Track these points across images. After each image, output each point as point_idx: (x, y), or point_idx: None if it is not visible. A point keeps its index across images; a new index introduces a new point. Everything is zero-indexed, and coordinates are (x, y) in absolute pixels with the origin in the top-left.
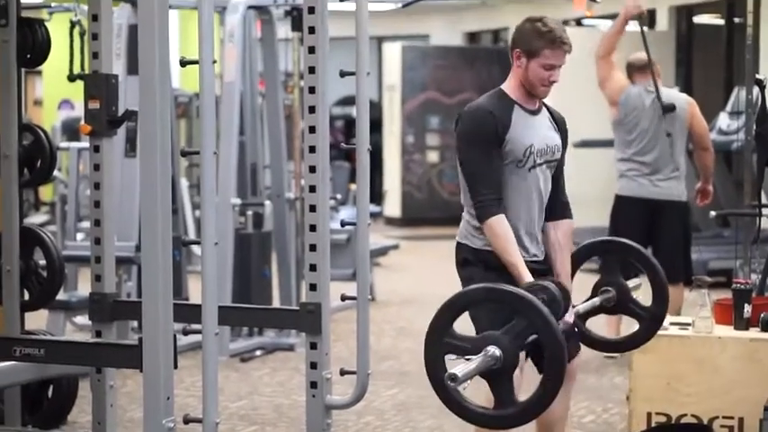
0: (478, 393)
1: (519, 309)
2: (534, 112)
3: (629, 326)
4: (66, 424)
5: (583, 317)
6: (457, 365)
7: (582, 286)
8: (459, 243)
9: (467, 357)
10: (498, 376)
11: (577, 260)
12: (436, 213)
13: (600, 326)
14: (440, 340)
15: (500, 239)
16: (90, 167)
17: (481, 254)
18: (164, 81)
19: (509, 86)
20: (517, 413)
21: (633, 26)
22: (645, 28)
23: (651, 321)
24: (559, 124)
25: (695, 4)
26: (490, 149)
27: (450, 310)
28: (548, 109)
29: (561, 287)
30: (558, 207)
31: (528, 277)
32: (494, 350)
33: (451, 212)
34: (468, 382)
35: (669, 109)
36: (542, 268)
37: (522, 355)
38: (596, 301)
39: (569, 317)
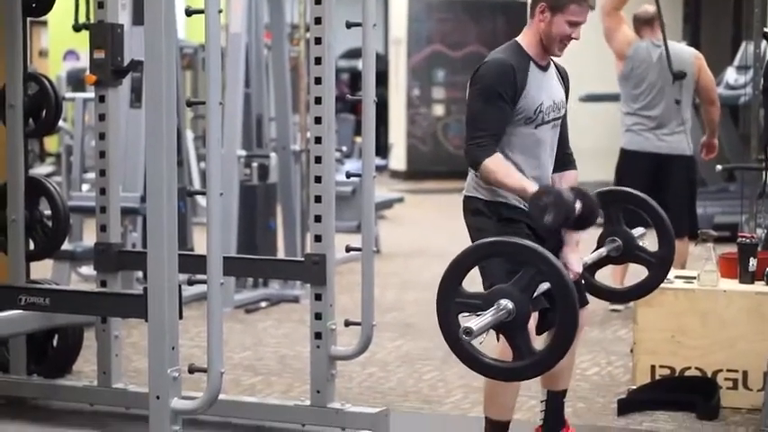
0: (492, 349)
1: (525, 258)
2: (545, 68)
3: (633, 278)
4: (71, 373)
5: (591, 268)
6: (470, 321)
7: (587, 241)
8: (467, 196)
9: (478, 314)
10: (513, 328)
11: None
12: (441, 167)
13: (604, 277)
14: (450, 300)
15: (498, 172)
16: (95, 118)
17: (492, 205)
18: (169, 31)
19: (525, 41)
20: (536, 362)
21: None
22: None
23: (660, 266)
24: (564, 78)
25: None
26: (502, 102)
27: (457, 269)
28: (554, 63)
29: (576, 191)
30: (562, 158)
31: (533, 187)
32: (506, 303)
33: (456, 166)
34: (485, 335)
35: (679, 76)
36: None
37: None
38: (603, 251)
39: (578, 266)
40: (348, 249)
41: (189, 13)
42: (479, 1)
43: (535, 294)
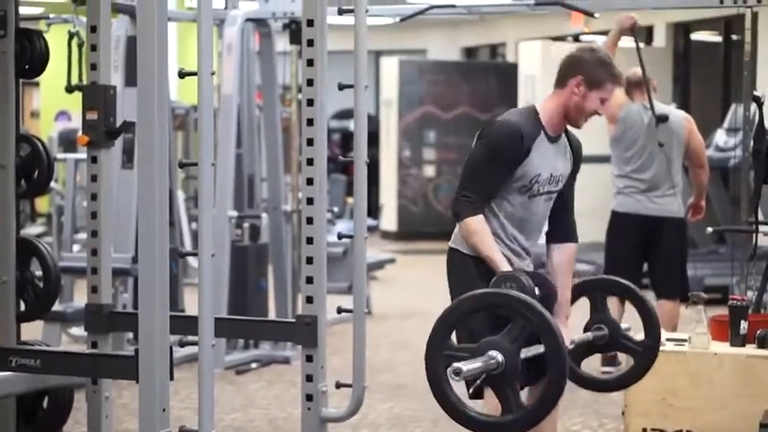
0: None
1: (516, 310)
2: (554, 140)
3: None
4: None
5: (576, 357)
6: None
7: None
8: (453, 248)
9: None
10: (501, 381)
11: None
12: (432, 227)
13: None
14: (439, 354)
15: (476, 235)
16: (87, 178)
17: (470, 260)
18: (162, 93)
19: (545, 109)
20: (523, 417)
21: (629, 42)
22: (639, 43)
23: (645, 356)
24: (575, 151)
25: (693, 20)
26: (502, 168)
27: (445, 324)
28: (567, 135)
29: (541, 277)
30: (563, 228)
31: (505, 266)
32: (495, 354)
33: (447, 227)
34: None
35: (662, 119)
36: None
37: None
38: (590, 335)
39: (566, 338)
40: (339, 311)
41: (182, 75)
42: (470, 63)
43: (523, 355)
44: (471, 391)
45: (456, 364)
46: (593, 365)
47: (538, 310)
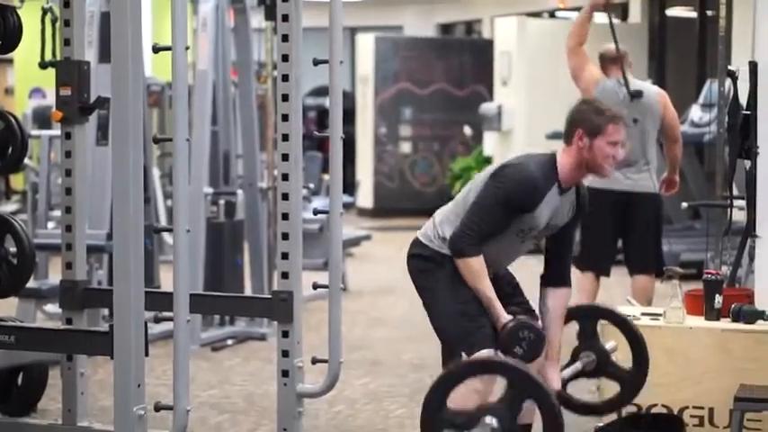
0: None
1: (511, 377)
2: (563, 192)
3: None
4: (36, 412)
5: (564, 383)
6: None
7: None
8: (422, 243)
9: None
10: None
11: None
12: (408, 204)
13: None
14: (435, 418)
15: (478, 275)
16: (61, 155)
17: (448, 260)
18: (136, 69)
19: (562, 163)
20: None
21: (604, 18)
22: (613, 18)
23: (632, 383)
24: (581, 202)
25: None
26: (511, 214)
27: (442, 387)
28: (578, 189)
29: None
30: (560, 273)
31: (504, 315)
32: (491, 420)
33: (423, 204)
34: None
35: (636, 95)
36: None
37: None
38: (578, 365)
39: (557, 383)
40: (315, 287)
41: (156, 49)
42: (446, 39)
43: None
44: None
45: None
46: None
47: (530, 377)
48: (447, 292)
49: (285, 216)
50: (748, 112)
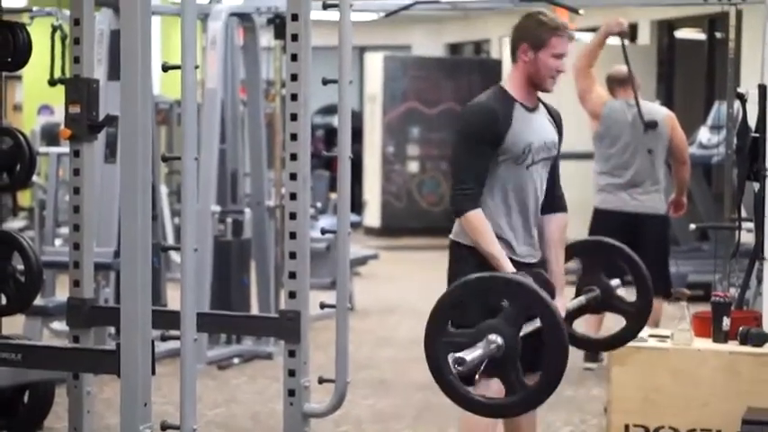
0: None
1: (512, 292)
2: (533, 110)
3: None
4: (42, 430)
5: (569, 317)
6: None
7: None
8: (454, 241)
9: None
10: (503, 363)
11: None
12: (416, 223)
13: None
14: (438, 341)
15: (479, 232)
16: (70, 172)
17: (474, 250)
18: (145, 86)
19: (510, 85)
20: (526, 397)
21: (614, 40)
22: (626, 42)
23: (637, 316)
24: (556, 120)
25: (677, 18)
26: (485, 147)
27: (442, 310)
28: (545, 105)
29: (542, 279)
30: (553, 201)
31: (510, 267)
32: (494, 337)
33: (431, 222)
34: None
35: (651, 125)
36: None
37: None
38: (582, 299)
39: (562, 311)
40: (322, 306)
41: (165, 68)
42: (454, 59)
43: (522, 332)
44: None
45: (458, 355)
46: (574, 362)
47: (531, 289)
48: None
49: (293, 235)
50: (757, 135)
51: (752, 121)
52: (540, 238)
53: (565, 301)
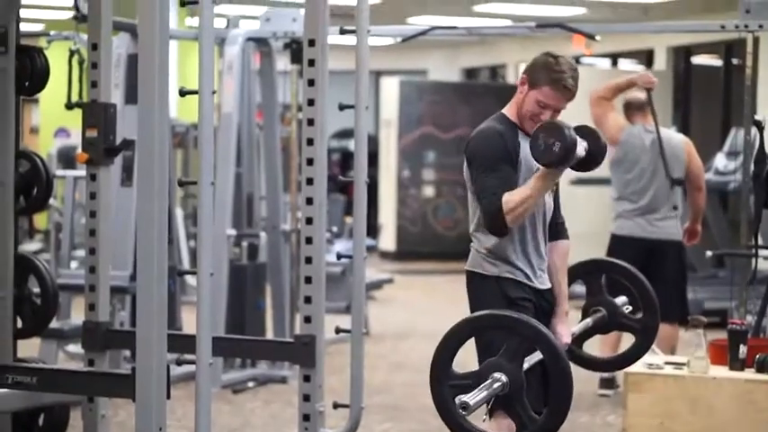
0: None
1: (510, 327)
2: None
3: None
4: None
5: (577, 340)
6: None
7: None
8: (471, 272)
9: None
10: (510, 401)
11: None
12: (431, 248)
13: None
14: (443, 384)
15: (513, 199)
16: (86, 196)
17: (498, 282)
18: (163, 111)
19: (509, 111)
20: (538, 429)
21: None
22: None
23: (645, 333)
24: None
25: (694, 44)
26: (503, 164)
27: (445, 352)
28: None
29: (578, 129)
30: (555, 228)
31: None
32: (498, 376)
33: (446, 247)
34: (485, 417)
35: (678, 183)
36: (547, 306)
37: None
38: (589, 321)
39: (567, 337)
40: (338, 331)
41: (183, 93)
42: (470, 84)
43: (527, 365)
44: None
45: (463, 398)
46: (589, 389)
47: (530, 324)
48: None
49: (308, 260)
50: None
51: None
52: None
53: (569, 326)
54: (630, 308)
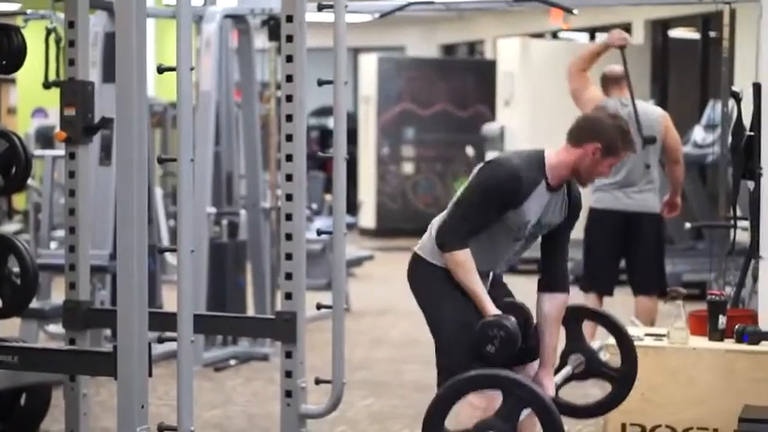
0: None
1: (505, 389)
2: (554, 190)
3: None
4: None
5: (557, 389)
6: None
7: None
8: (419, 255)
9: None
10: None
11: None
12: (411, 224)
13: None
14: None
15: (466, 269)
16: (65, 175)
17: (442, 271)
18: (141, 89)
19: (553, 162)
20: None
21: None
22: (625, 55)
23: (623, 382)
24: (573, 203)
25: (671, 18)
26: (495, 210)
27: (438, 410)
28: (569, 186)
29: (518, 308)
30: (556, 279)
31: (492, 309)
32: None
33: (426, 224)
34: None
35: (649, 141)
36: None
37: None
38: (569, 369)
39: (552, 391)
40: (318, 307)
41: (161, 70)
42: (449, 60)
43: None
44: None
45: None
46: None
47: (522, 384)
48: (446, 304)
49: (289, 236)
50: (752, 134)
51: (746, 120)
52: (538, 314)
53: (553, 380)
54: (608, 355)
